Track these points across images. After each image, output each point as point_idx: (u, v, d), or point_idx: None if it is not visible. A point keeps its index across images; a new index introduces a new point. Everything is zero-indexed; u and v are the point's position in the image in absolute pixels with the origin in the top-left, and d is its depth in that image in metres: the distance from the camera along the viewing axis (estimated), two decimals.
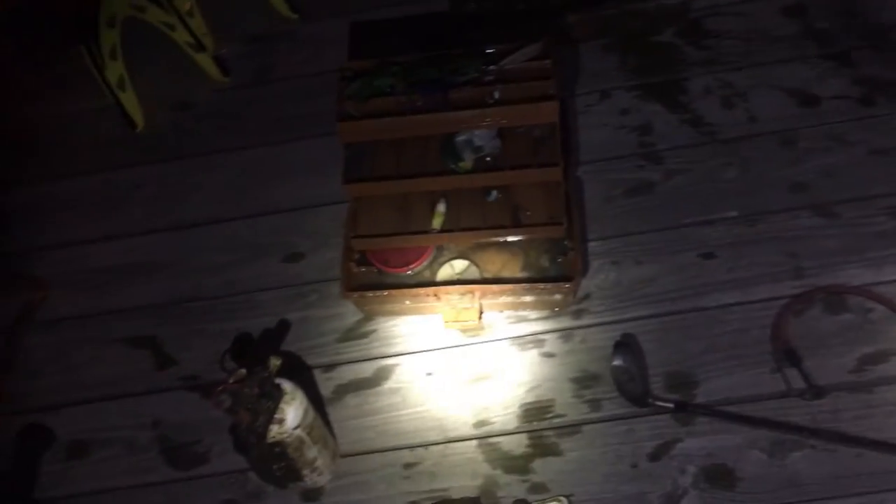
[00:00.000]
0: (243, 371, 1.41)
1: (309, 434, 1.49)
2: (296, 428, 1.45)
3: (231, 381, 1.39)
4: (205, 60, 2.25)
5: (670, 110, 2.00)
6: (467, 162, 1.67)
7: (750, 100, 1.98)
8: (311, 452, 1.52)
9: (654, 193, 1.88)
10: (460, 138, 1.69)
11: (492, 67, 1.68)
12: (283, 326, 1.84)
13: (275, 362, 1.44)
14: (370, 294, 1.72)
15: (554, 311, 1.76)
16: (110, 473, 1.72)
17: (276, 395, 1.42)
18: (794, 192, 1.83)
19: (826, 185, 1.83)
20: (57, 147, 2.23)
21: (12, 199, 2.15)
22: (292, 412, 1.45)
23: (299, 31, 2.32)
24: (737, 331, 1.69)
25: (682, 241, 1.81)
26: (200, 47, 2.25)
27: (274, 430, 1.43)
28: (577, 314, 1.76)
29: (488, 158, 1.68)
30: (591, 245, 1.83)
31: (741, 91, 2.00)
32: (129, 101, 2.20)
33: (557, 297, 1.72)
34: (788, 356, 1.62)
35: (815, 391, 1.58)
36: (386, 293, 1.72)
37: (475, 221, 1.72)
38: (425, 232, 1.70)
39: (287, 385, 1.46)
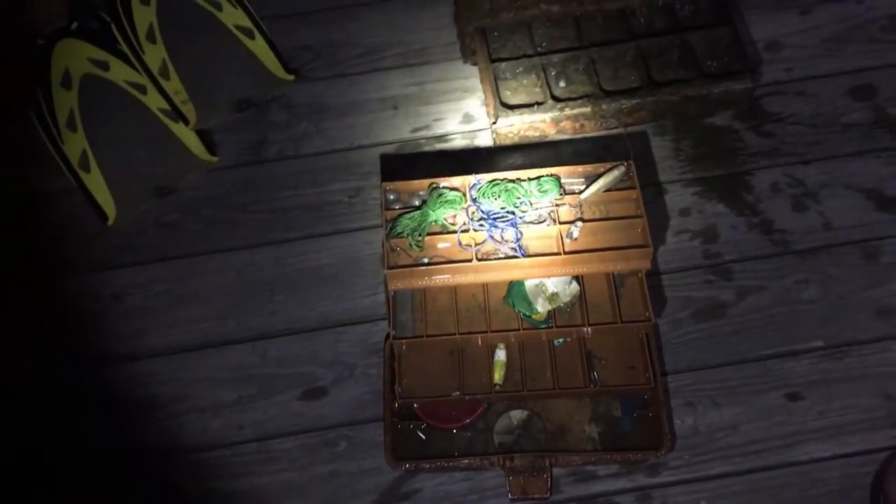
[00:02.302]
0: None
1: None
2: None
3: None
4: (186, 134, 1.89)
5: (736, 212, 1.77)
6: (541, 312, 1.41)
7: (823, 201, 1.77)
8: None
9: (726, 317, 1.67)
10: (531, 283, 1.42)
11: (566, 194, 1.42)
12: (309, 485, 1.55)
13: None
14: (426, 465, 1.45)
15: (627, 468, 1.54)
16: None
17: None
18: (882, 317, 1.65)
19: None
20: (10, 240, 1.84)
21: None
22: None
23: (295, 97, 1.99)
24: (834, 492, 1.51)
25: (764, 377, 1.61)
26: (179, 117, 1.89)
27: None
28: (653, 469, 1.54)
29: (566, 308, 1.42)
30: (660, 384, 1.60)
31: (812, 190, 1.78)
32: (96, 184, 1.84)
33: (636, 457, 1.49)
34: None
35: None
36: (440, 463, 1.45)
37: (541, 370, 1.48)
38: (486, 393, 1.44)
39: None
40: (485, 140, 1.88)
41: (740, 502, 1.51)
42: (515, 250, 1.38)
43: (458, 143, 1.89)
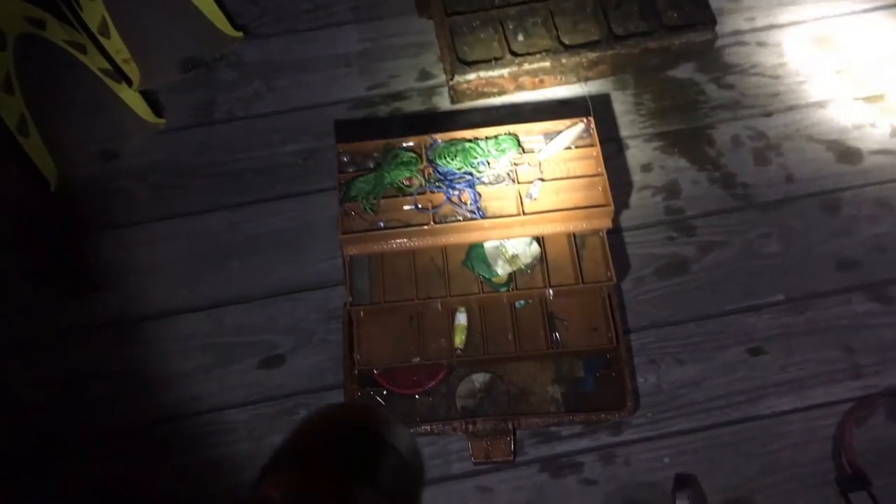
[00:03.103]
0: None
1: None
2: None
3: None
4: (130, 96, 1.81)
5: (697, 166, 1.75)
6: (502, 274, 1.38)
7: (785, 154, 1.75)
8: None
9: (689, 273, 1.65)
10: (491, 245, 1.39)
11: (525, 153, 1.38)
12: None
13: None
14: None
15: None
16: None
17: None
18: (843, 270, 1.64)
19: (876, 261, 1.65)
20: None
21: None
22: None
23: (244, 54, 1.91)
24: (796, 445, 1.51)
25: (726, 332, 1.60)
26: (121, 77, 1.81)
27: None
28: (616, 428, 1.53)
29: (526, 269, 1.39)
30: (622, 342, 1.58)
31: (774, 143, 1.76)
32: (35, 149, 1.76)
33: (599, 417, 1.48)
34: (854, 478, 1.45)
35: None
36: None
37: (502, 333, 1.45)
38: (447, 358, 1.41)
39: None
40: (442, 97, 1.82)
41: (703, 458, 1.50)
42: (474, 212, 1.34)
43: (415, 100, 1.83)
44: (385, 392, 1.49)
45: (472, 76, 1.69)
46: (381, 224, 1.35)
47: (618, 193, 1.68)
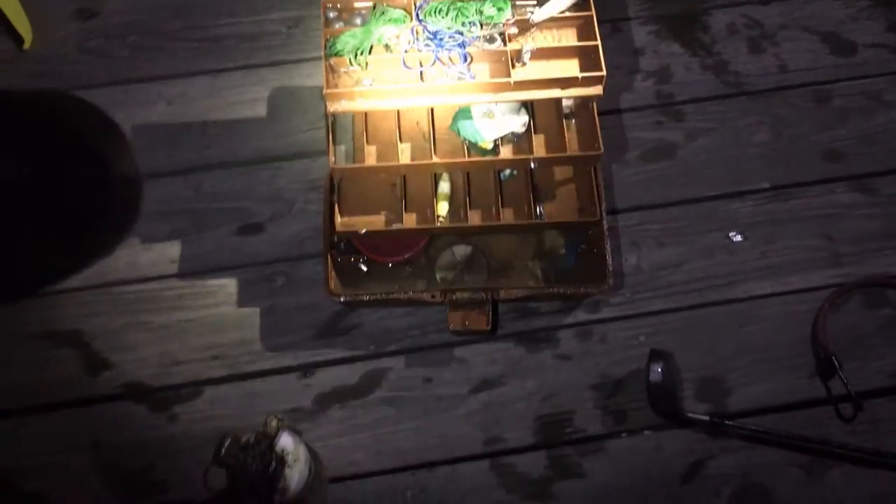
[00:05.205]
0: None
1: (311, 491, 1.24)
2: (300, 490, 1.20)
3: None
4: None
5: (691, 52, 1.72)
6: (488, 141, 1.36)
7: (780, 43, 1.73)
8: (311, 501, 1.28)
9: (675, 158, 1.64)
10: (479, 109, 1.36)
11: (519, 18, 1.34)
12: (245, 320, 1.51)
13: (273, 424, 1.16)
14: (364, 297, 1.42)
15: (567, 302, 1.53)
16: None
17: (279, 465, 1.15)
18: (830, 160, 1.63)
19: (863, 153, 1.64)
20: None
21: None
22: (296, 476, 1.19)
23: None
24: (771, 329, 1.52)
25: (709, 217, 1.60)
26: None
27: (276, 500, 1.17)
28: (594, 306, 1.54)
29: (513, 138, 1.37)
30: (606, 220, 1.57)
31: (770, 32, 1.73)
32: (9, 4, 1.69)
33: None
34: (827, 363, 1.46)
35: (856, 404, 1.44)
36: (380, 296, 1.42)
37: (486, 204, 1.44)
38: (430, 228, 1.40)
39: (288, 444, 1.19)
40: None
41: (678, 338, 1.51)
42: (463, 73, 1.30)
43: None
44: (364, 259, 1.48)
45: None
46: (368, 82, 1.31)
47: (608, 76, 1.65)
